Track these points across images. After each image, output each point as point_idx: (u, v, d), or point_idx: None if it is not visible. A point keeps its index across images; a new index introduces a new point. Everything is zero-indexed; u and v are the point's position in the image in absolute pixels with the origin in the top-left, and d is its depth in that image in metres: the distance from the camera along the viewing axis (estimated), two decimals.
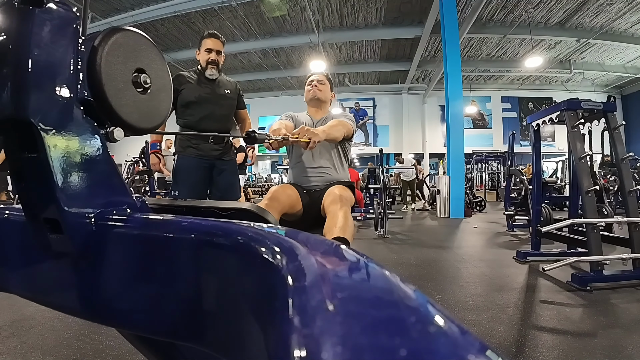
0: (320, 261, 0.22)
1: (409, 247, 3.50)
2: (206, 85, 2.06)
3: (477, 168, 11.10)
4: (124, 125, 0.40)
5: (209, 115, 2.03)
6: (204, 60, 2.05)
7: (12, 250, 0.45)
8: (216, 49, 2.05)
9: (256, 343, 0.23)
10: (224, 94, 2.10)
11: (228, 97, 2.12)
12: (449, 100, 6.69)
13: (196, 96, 2.01)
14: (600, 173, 4.72)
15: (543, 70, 10.77)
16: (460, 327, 0.15)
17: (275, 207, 1.32)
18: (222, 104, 2.10)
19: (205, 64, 2.04)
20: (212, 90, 2.06)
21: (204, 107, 2.02)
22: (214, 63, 2.05)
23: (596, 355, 1.29)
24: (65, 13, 0.35)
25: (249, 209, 0.47)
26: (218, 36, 2.08)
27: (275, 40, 9.17)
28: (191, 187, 2.04)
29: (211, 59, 2.04)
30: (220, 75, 2.11)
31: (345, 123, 1.54)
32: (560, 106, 2.52)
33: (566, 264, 2.16)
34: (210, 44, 2.05)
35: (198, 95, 2.01)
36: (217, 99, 2.07)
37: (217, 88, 2.08)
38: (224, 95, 2.10)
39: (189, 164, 2.04)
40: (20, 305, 1.70)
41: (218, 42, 2.07)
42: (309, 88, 1.72)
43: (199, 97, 2.01)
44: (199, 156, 2.04)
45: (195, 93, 2.01)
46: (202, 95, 2.02)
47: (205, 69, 2.04)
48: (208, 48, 2.04)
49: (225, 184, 2.14)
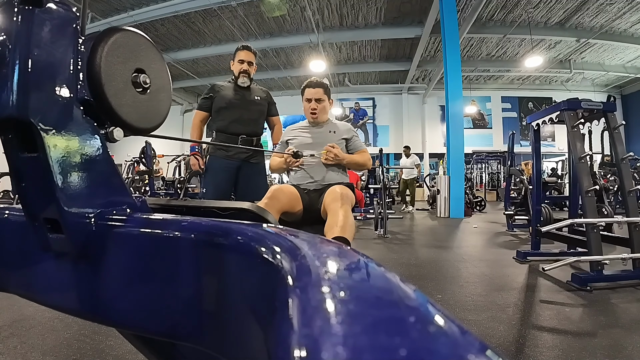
0: (320, 261, 0.22)
1: (408, 247, 3.50)
2: (237, 92, 2.24)
3: (477, 168, 11.11)
4: (124, 125, 0.40)
5: (238, 119, 2.20)
6: (237, 70, 2.24)
7: (12, 251, 0.45)
8: (248, 60, 2.24)
9: (256, 343, 0.23)
10: (254, 99, 2.27)
11: (257, 103, 2.28)
12: (448, 100, 6.69)
13: (227, 102, 2.19)
14: (600, 173, 4.72)
15: (543, 70, 10.77)
16: (460, 327, 0.15)
17: (274, 206, 1.31)
18: (251, 109, 2.25)
19: (238, 73, 2.23)
20: (241, 97, 2.24)
21: (233, 112, 2.20)
22: (246, 73, 2.24)
23: (596, 354, 1.29)
24: (65, 13, 0.35)
25: (248, 208, 0.47)
26: (250, 48, 2.28)
27: (275, 40, 9.17)
28: (216, 186, 2.21)
29: (243, 69, 2.23)
30: (252, 83, 2.29)
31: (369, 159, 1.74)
32: (560, 106, 2.52)
33: (566, 264, 2.17)
34: (243, 55, 2.24)
35: (228, 101, 2.20)
36: (246, 104, 2.23)
37: (247, 94, 2.26)
38: (253, 101, 2.27)
39: (216, 165, 2.22)
40: (20, 305, 1.70)
41: (250, 54, 2.26)
42: (307, 106, 1.70)
43: (229, 102, 2.20)
44: (228, 157, 2.21)
45: (226, 99, 2.20)
46: (232, 101, 2.20)
47: (237, 78, 2.24)
48: (241, 59, 2.23)
49: (250, 186, 2.27)
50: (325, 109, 1.72)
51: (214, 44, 9.39)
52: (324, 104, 1.70)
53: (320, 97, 1.69)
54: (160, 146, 6.98)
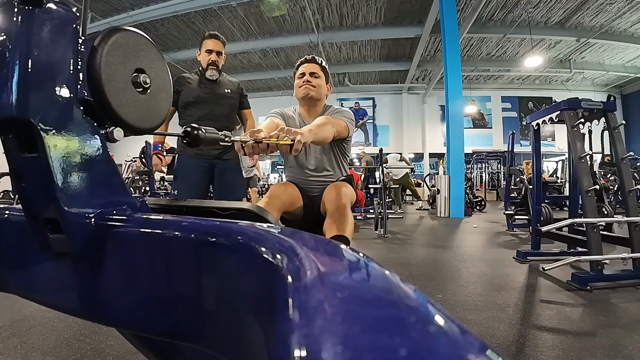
0: (320, 261, 0.22)
1: (408, 247, 3.50)
2: (206, 85, 2.06)
3: (477, 168, 11.10)
4: (124, 125, 0.40)
5: (208, 115, 2.03)
6: (204, 61, 2.06)
7: (12, 251, 0.45)
8: (216, 50, 2.06)
9: (256, 343, 0.23)
10: (224, 93, 2.10)
11: (228, 97, 2.12)
12: (448, 99, 6.68)
13: (194, 96, 2.02)
14: (600, 172, 4.71)
15: (543, 70, 10.77)
16: (460, 326, 0.15)
17: (275, 205, 1.29)
18: (222, 103, 2.09)
19: (206, 65, 2.05)
20: (211, 90, 2.06)
21: (203, 107, 2.03)
22: (214, 64, 2.05)
23: (596, 354, 1.29)
24: (65, 13, 0.35)
25: (249, 208, 0.47)
26: (218, 37, 2.08)
27: (275, 40, 9.17)
28: (190, 186, 2.05)
29: (211, 60, 2.04)
30: (221, 75, 2.11)
31: (337, 120, 1.30)
32: (560, 106, 2.52)
33: (566, 264, 2.16)
34: (210, 44, 2.05)
35: (196, 95, 2.02)
36: (216, 98, 2.06)
37: (216, 88, 2.08)
38: (224, 94, 2.10)
39: (188, 164, 2.05)
40: (21, 306, 1.70)
41: (219, 42, 2.07)
42: (299, 82, 1.44)
43: (198, 97, 2.02)
44: (198, 155, 2.03)
45: (194, 93, 2.02)
46: (200, 95, 2.03)
47: (205, 70, 2.05)
48: (208, 49, 2.05)
49: (228, 184, 2.13)
50: (322, 89, 1.45)
51: None
52: (320, 81, 1.44)
53: (316, 72, 1.44)
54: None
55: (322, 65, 1.48)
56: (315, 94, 1.44)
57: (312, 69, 1.44)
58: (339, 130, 1.29)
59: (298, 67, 1.49)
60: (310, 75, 1.44)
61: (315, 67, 1.45)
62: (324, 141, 1.18)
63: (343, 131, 1.34)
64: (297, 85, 1.46)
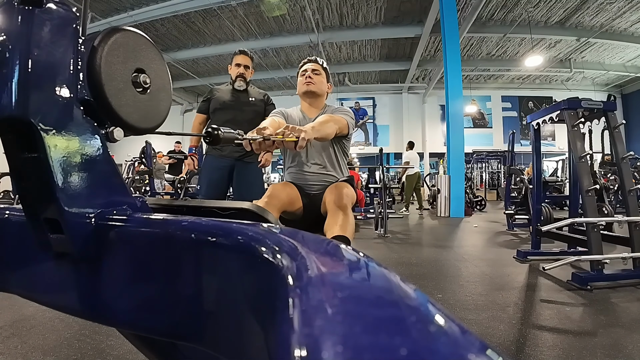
0: (321, 261, 0.22)
1: (409, 247, 3.50)
2: (233, 94, 2.34)
3: (477, 167, 11.10)
4: (124, 125, 0.40)
5: (232, 120, 2.27)
6: (234, 73, 2.35)
7: (12, 251, 0.45)
8: (244, 64, 2.35)
9: (256, 342, 0.23)
10: (248, 101, 2.35)
11: (252, 104, 2.36)
12: (449, 99, 6.68)
13: (221, 103, 2.31)
14: (601, 172, 4.71)
15: (543, 70, 10.76)
16: (461, 326, 0.15)
17: (274, 205, 1.29)
18: (245, 109, 2.33)
19: (235, 77, 2.34)
20: (236, 98, 2.33)
21: (227, 112, 2.30)
22: (242, 76, 2.34)
23: (596, 354, 1.29)
24: (65, 13, 0.35)
25: (249, 208, 0.47)
26: (247, 53, 2.39)
27: (275, 40, 9.16)
28: (210, 184, 2.30)
29: (240, 72, 2.34)
30: (248, 86, 2.39)
31: (339, 118, 1.39)
32: (560, 105, 2.52)
33: (566, 263, 2.16)
34: (239, 59, 2.35)
35: (223, 102, 2.31)
36: (240, 105, 2.32)
37: (242, 96, 2.35)
38: (248, 102, 2.35)
39: (211, 164, 2.32)
40: (21, 306, 1.70)
41: (247, 58, 2.38)
42: (301, 79, 1.55)
43: (224, 103, 2.31)
44: (222, 156, 2.30)
45: (221, 100, 2.32)
46: (226, 102, 2.31)
47: (234, 81, 2.34)
48: (237, 63, 2.35)
49: (245, 185, 2.34)
50: (322, 85, 1.56)
51: (214, 44, 9.39)
52: (321, 78, 1.55)
53: (318, 69, 1.55)
54: (161, 146, 6.99)
55: (323, 65, 1.59)
56: (316, 89, 1.54)
57: (314, 67, 1.56)
58: (341, 127, 1.38)
59: (301, 67, 1.60)
60: (312, 72, 1.54)
61: (317, 66, 1.56)
62: (326, 137, 1.26)
63: (344, 128, 1.42)
64: (300, 82, 1.57)
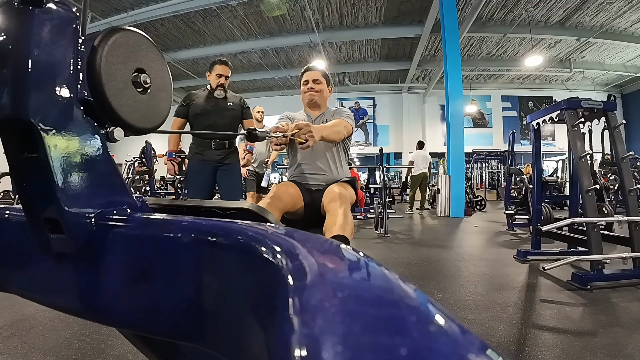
0: (320, 260, 0.22)
1: (409, 247, 3.50)
2: (211, 100, 2.43)
3: (478, 167, 11.10)
4: (124, 125, 0.40)
5: (212, 125, 2.37)
6: (214, 82, 2.43)
7: (12, 251, 0.45)
8: (225, 74, 2.45)
9: (256, 342, 0.23)
10: (227, 106, 2.45)
11: (230, 109, 2.46)
12: (449, 99, 6.68)
13: (201, 109, 2.39)
14: (601, 172, 4.71)
15: (543, 69, 10.76)
16: (461, 326, 0.15)
17: (277, 206, 1.30)
18: (225, 114, 2.44)
19: (215, 86, 2.42)
20: (215, 104, 2.43)
21: (208, 118, 2.38)
22: (222, 86, 2.44)
23: (596, 354, 1.29)
24: (65, 13, 0.35)
25: (249, 208, 0.47)
26: (227, 63, 2.48)
27: (275, 40, 9.16)
28: (197, 188, 2.43)
29: (220, 82, 2.43)
30: (226, 94, 2.48)
31: (347, 123, 1.50)
32: (560, 105, 2.52)
33: (566, 263, 2.16)
34: (220, 70, 2.43)
35: (203, 108, 2.40)
36: (219, 110, 2.42)
37: (220, 102, 2.44)
38: (227, 107, 2.45)
39: (195, 168, 2.44)
40: (21, 306, 1.70)
41: (227, 68, 2.47)
42: (304, 89, 1.64)
43: (204, 109, 2.39)
44: (204, 161, 2.42)
45: (201, 106, 2.40)
46: (206, 108, 2.40)
47: (214, 90, 2.43)
48: (218, 73, 2.43)
49: (227, 185, 2.49)
50: (324, 93, 1.65)
51: (214, 44, 9.39)
52: (322, 86, 1.63)
53: (318, 79, 1.62)
54: (161, 146, 6.98)
55: (324, 72, 1.67)
56: (319, 99, 1.64)
57: (315, 76, 1.63)
58: (348, 131, 1.52)
59: (302, 75, 1.68)
60: (314, 82, 1.62)
61: (317, 74, 1.64)
62: (333, 141, 1.41)
63: (350, 131, 1.56)
64: (303, 91, 1.66)
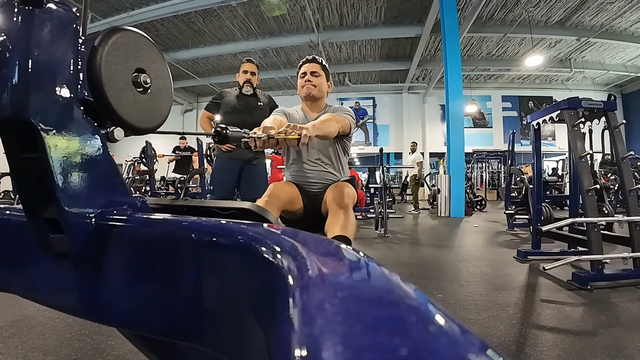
0: (321, 261, 0.22)
1: (409, 247, 3.50)
2: (241, 98, 2.53)
3: (478, 167, 11.10)
4: (124, 125, 0.40)
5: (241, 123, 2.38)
6: (241, 80, 2.55)
7: (12, 251, 0.45)
8: (251, 71, 2.55)
9: (257, 342, 0.23)
10: (256, 105, 2.53)
11: (260, 108, 2.53)
12: (449, 99, 6.67)
13: (231, 107, 2.50)
14: (601, 172, 4.71)
15: (543, 69, 10.75)
16: (461, 326, 0.15)
17: (274, 204, 1.29)
18: (254, 113, 2.47)
19: (243, 83, 2.54)
20: (245, 103, 2.52)
21: (237, 116, 2.44)
22: (249, 82, 2.54)
23: (597, 354, 1.29)
24: (65, 13, 0.35)
25: (249, 208, 0.47)
26: (252, 61, 2.61)
27: (275, 40, 9.16)
28: (221, 184, 2.52)
29: (247, 79, 2.53)
30: (255, 91, 2.57)
31: (340, 117, 1.38)
32: (560, 105, 2.52)
33: (567, 263, 2.16)
34: (246, 67, 2.56)
35: (233, 106, 2.50)
36: (249, 109, 2.50)
37: (250, 101, 2.53)
38: (256, 106, 2.53)
39: (221, 165, 2.52)
40: (21, 306, 1.70)
41: (253, 65, 2.58)
42: (301, 82, 1.53)
43: (234, 107, 2.50)
44: (231, 159, 2.49)
45: (231, 105, 2.51)
46: (236, 107, 2.50)
47: (242, 87, 2.54)
48: (244, 70, 2.55)
49: (252, 185, 2.52)
50: (322, 87, 1.53)
51: (214, 44, 9.39)
52: (321, 80, 1.52)
53: (317, 71, 1.52)
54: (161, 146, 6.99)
55: (323, 64, 1.55)
56: (316, 93, 1.53)
57: (313, 69, 1.52)
58: (343, 126, 1.38)
59: (300, 67, 1.57)
60: (311, 75, 1.51)
61: (316, 66, 1.52)
62: (328, 136, 1.26)
63: (346, 128, 1.42)
64: (300, 84, 1.55)
